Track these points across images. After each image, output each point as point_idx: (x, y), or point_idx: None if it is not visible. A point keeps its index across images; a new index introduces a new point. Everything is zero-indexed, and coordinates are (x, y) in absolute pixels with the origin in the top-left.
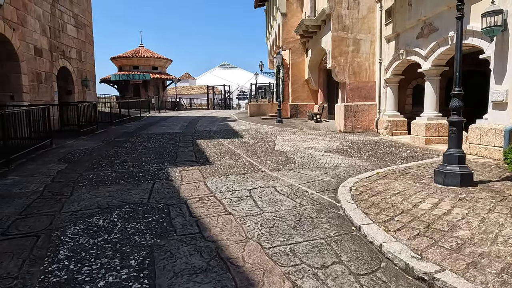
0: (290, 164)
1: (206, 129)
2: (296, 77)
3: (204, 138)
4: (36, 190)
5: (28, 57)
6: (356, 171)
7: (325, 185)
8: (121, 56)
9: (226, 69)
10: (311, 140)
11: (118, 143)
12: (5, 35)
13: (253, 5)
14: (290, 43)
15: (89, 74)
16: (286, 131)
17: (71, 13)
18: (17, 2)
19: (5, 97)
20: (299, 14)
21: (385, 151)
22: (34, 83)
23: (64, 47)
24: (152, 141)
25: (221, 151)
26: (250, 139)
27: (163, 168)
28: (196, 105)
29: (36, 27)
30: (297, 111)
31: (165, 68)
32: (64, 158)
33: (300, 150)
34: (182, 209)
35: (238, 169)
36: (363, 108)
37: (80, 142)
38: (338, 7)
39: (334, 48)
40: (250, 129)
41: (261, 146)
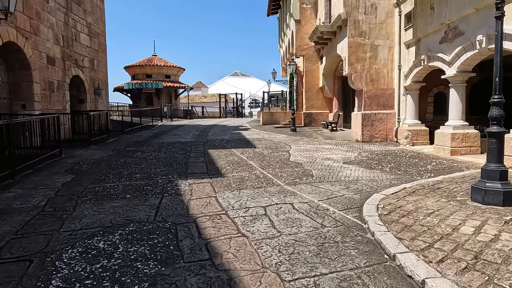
0: (307, 177)
1: (218, 138)
2: (310, 84)
3: (216, 147)
4: (37, 205)
5: (40, 66)
6: (380, 185)
7: (347, 202)
8: (134, 65)
9: (238, 77)
10: (328, 151)
11: (128, 152)
12: (18, 43)
13: (266, 13)
14: (304, 50)
15: (102, 82)
16: (300, 141)
17: (84, 22)
18: (30, 11)
19: (17, 106)
20: (313, 20)
21: (408, 162)
22: (46, 91)
23: (77, 56)
24: (162, 151)
25: (234, 162)
26: (263, 149)
27: (173, 181)
28: (208, 113)
29: (49, 36)
30: (311, 120)
31: (178, 76)
32: (71, 169)
33: (316, 161)
34: (191, 229)
35: (252, 182)
36: (381, 116)
37: (90, 152)
38: (355, 13)
39: (351, 55)
40: (263, 138)
41: (275, 157)
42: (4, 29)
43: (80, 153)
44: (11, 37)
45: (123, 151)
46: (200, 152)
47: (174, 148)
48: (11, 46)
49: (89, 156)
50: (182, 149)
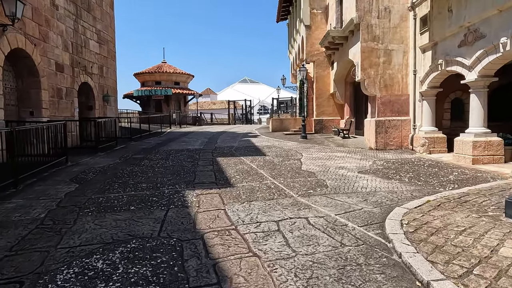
0: (321, 187)
1: (227, 146)
2: (320, 91)
3: (225, 155)
4: (37, 217)
5: (49, 73)
6: (400, 198)
7: (367, 216)
8: (144, 72)
9: (247, 84)
10: (341, 159)
11: (135, 160)
12: (26, 50)
13: (275, 19)
14: (314, 56)
15: (111, 89)
16: (312, 148)
17: (94, 29)
18: (39, 18)
19: (25, 112)
20: (323, 26)
21: (428, 172)
22: (54, 98)
23: (86, 63)
24: (170, 159)
25: (243, 171)
26: (274, 157)
27: (179, 191)
28: (217, 120)
29: (58, 43)
30: (322, 127)
31: (187, 83)
32: (76, 177)
33: (330, 170)
34: (198, 247)
35: (263, 193)
36: (395, 123)
37: (97, 160)
38: (368, 17)
39: (364, 60)
40: (273, 146)
41: (286, 166)
42: (13, 35)
43: (87, 161)
44: (20, 44)
45: (130, 159)
46: (208, 160)
47: (182, 155)
48: (19, 53)
49: (95, 164)
50: (190, 156)
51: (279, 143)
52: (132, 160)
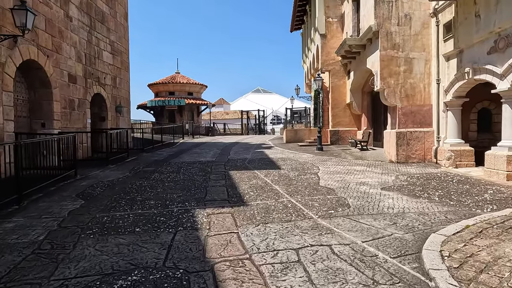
0: (343, 207)
1: (240, 158)
2: (336, 101)
3: (238, 168)
4: (35, 239)
5: (61, 84)
6: (434, 221)
7: (399, 244)
8: (157, 82)
9: (260, 94)
10: (361, 173)
11: (146, 173)
12: (38, 61)
13: (289, 29)
14: (329, 65)
15: (124, 100)
16: (328, 161)
17: (107, 40)
18: (53, 29)
19: (36, 124)
20: (339, 34)
21: (459, 189)
22: (66, 110)
23: (99, 74)
24: (181, 172)
25: (257, 187)
26: (289, 171)
27: (189, 210)
28: (230, 130)
29: (71, 54)
30: (338, 138)
31: (200, 93)
32: (83, 192)
33: (350, 186)
34: (207, 281)
35: (279, 213)
36: (418, 135)
37: (106, 173)
38: (387, 24)
39: (383, 69)
40: (288, 158)
41: (303, 181)
42: (25, 47)
43: (96, 174)
44: (32, 55)
45: (140, 172)
46: (220, 173)
47: (193, 168)
48: (32, 64)
49: (104, 177)
50: (202, 170)
51: (294, 155)
52: (142, 173)
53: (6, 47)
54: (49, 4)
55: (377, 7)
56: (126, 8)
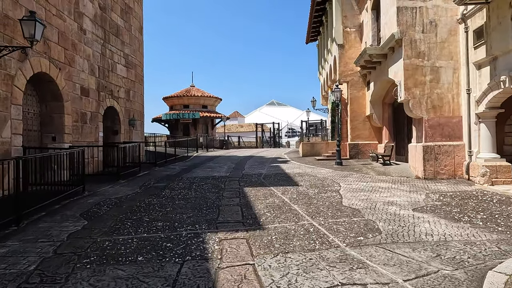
0: (373, 233)
1: (255, 173)
2: (355, 113)
3: (253, 185)
4: (24, 270)
5: (73, 97)
6: (485, 253)
7: (451, 286)
8: (172, 96)
9: (274, 106)
10: (386, 191)
11: (156, 190)
12: (50, 74)
13: (305, 41)
14: (348, 76)
15: (137, 113)
16: (349, 177)
17: (121, 53)
18: (66, 42)
19: (47, 138)
20: (357, 44)
21: (503, 212)
22: (78, 123)
23: (113, 87)
24: (193, 189)
25: (274, 206)
26: (308, 188)
27: (199, 234)
28: (244, 143)
29: (84, 67)
30: (358, 152)
31: (215, 106)
32: (87, 212)
33: (377, 206)
34: None
35: (301, 240)
36: (447, 149)
37: (116, 189)
38: (411, 31)
39: (407, 78)
40: (305, 173)
41: (324, 199)
42: (36, 59)
43: (105, 190)
44: (43, 68)
45: (151, 188)
46: (234, 190)
47: (206, 184)
48: (43, 77)
49: (113, 194)
50: (215, 186)
51: (312, 170)
52: (152, 189)
53: (17, 60)
54: (62, 17)
55: (400, 14)
56: (141, 21)
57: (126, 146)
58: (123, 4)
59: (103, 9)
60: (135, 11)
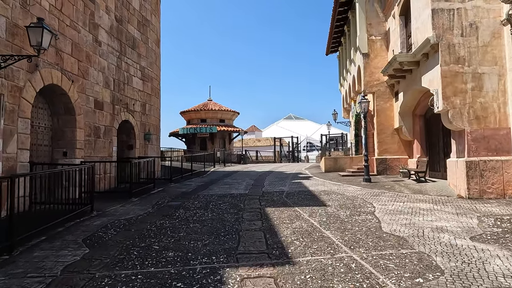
0: (433, 272)
1: (276, 190)
2: (382, 125)
3: (275, 204)
4: None
5: (86, 110)
6: None
7: None
8: (190, 110)
9: (292, 120)
10: (430, 213)
11: (170, 209)
12: (62, 87)
13: (324, 52)
14: (374, 87)
15: (153, 127)
16: (382, 196)
17: (138, 66)
18: (80, 54)
19: (58, 153)
20: (383, 53)
21: None
22: (90, 137)
23: (128, 100)
24: (209, 209)
25: (303, 232)
26: (337, 209)
27: (216, 270)
28: (262, 158)
29: (98, 80)
30: (386, 167)
31: (232, 120)
32: (91, 236)
33: (426, 234)
34: None
35: (343, 281)
36: (494, 165)
37: (127, 208)
38: (448, 35)
39: (446, 86)
40: (332, 191)
41: (359, 224)
42: (47, 71)
43: (115, 209)
44: (55, 79)
45: (164, 207)
46: (255, 211)
47: (224, 203)
48: (55, 89)
49: (122, 214)
50: (234, 205)
51: (338, 188)
52: (166, 208)
53: (26, 71)
54: (76, 28)
55: (436, 17)
56: (158, 34)
57: (140, 161)
58: (140, 17)
59: (119, 21)
60: (152, 24)
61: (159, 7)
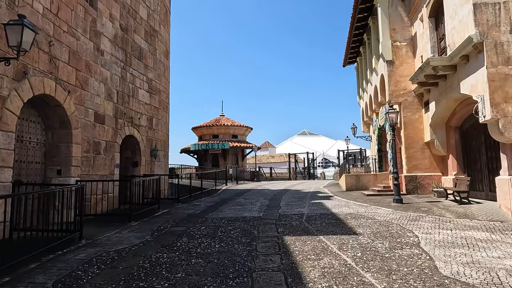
0: None
1: (294, 213)
2: (411, 139)
3: (295, 231)
4: None
5: (84, 124)
6: None
7: None
8: (201, 125)
9: (306, 136)
10: (491, 246)
11: (171, 237)
12: (56, 98)
13: (342, 64)
14: (400, 97)
15: (161, 143)
16: (421, 221)
17: (144, 78)
18: (78, 62)
19: (51, 171)
20: (409, 60)
21: None
22: (89, 154)
23: (133, 114)
24: (217, 237)
25: (335, 274)
26: (372, 238)
27: None
28: (276, 175)
29: (100, 91)
30: (416, 185)
31: (245, 136)
32: (66, 278)
33: (503, 281)
34: None
35: None
36: None
37: (122, 235)
38: (495, 32)
39: (494, 92)
40: (359, 215)
41: (405, 261)
42: (38, 79)
43: (108, 237)
44: (47, 89)
45: (166, 234)
46: (272, 241)
47: (234, 230)
48: (49, 100)
49: (115, 244)
50: (246, 232)
51: (366, 210)
52: (167, 236)
53: (11, 78)
54: (75, 35)
55: (478, 12)
56: (167, 46)
57: (143, 180)
58: (148, 27)
59: (124, 30)
60: (160, 34)
61: (168, 18)
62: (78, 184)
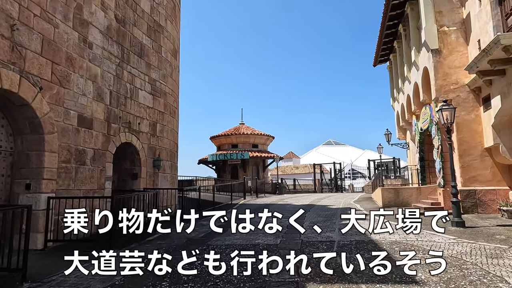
0: None
1: (321, 239)
2: (466, 144)
3: (323, 275)
4: None
5: (63, 128)
6: None
7: None
8: (220, 135)
9: (332, 146)
10: None
11: (147, 281)
12: (20, 95)
13: (372, 63)
14: (450, 92)
15: (166, 152)
16: (505, 258)
17: (147, 78)
18: (56, 54)
19: (19, 186)
20: (461, 47)
21: None
22: (69, 164)
23: (131, 118)
24: (211, 283)
25: None
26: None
27: None
28: (300, 187)
29: (86, 90)
30: (476, 202)
31: (266, 145)
32: None
33: None
34: None
35: None
36: None
37: (85, 276)
38: None
39: None
40: (410, 244)
41: None
42: None
43: (64, 279)
44: (7, 84)
45: (142, 276)
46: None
47: (240, 267)
48: (12, 98)
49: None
50: (253, 274)
51: (418, 237)
52: (143, 279)
53: None
54: (52, 21)
55: None
56: (175, 44)
57: (129, 196)
58: (151, 21)
59: (121, 22)
60: (167, 31)
61: (177, 13)
62: (23, 205)
